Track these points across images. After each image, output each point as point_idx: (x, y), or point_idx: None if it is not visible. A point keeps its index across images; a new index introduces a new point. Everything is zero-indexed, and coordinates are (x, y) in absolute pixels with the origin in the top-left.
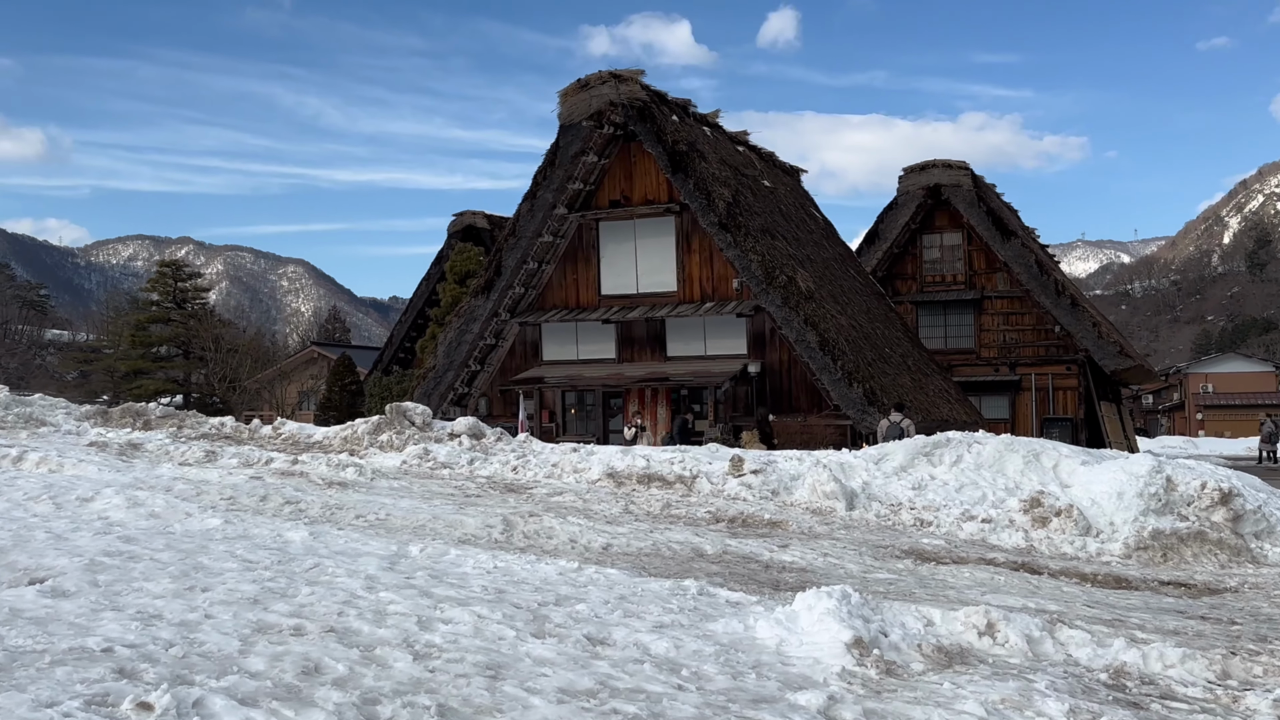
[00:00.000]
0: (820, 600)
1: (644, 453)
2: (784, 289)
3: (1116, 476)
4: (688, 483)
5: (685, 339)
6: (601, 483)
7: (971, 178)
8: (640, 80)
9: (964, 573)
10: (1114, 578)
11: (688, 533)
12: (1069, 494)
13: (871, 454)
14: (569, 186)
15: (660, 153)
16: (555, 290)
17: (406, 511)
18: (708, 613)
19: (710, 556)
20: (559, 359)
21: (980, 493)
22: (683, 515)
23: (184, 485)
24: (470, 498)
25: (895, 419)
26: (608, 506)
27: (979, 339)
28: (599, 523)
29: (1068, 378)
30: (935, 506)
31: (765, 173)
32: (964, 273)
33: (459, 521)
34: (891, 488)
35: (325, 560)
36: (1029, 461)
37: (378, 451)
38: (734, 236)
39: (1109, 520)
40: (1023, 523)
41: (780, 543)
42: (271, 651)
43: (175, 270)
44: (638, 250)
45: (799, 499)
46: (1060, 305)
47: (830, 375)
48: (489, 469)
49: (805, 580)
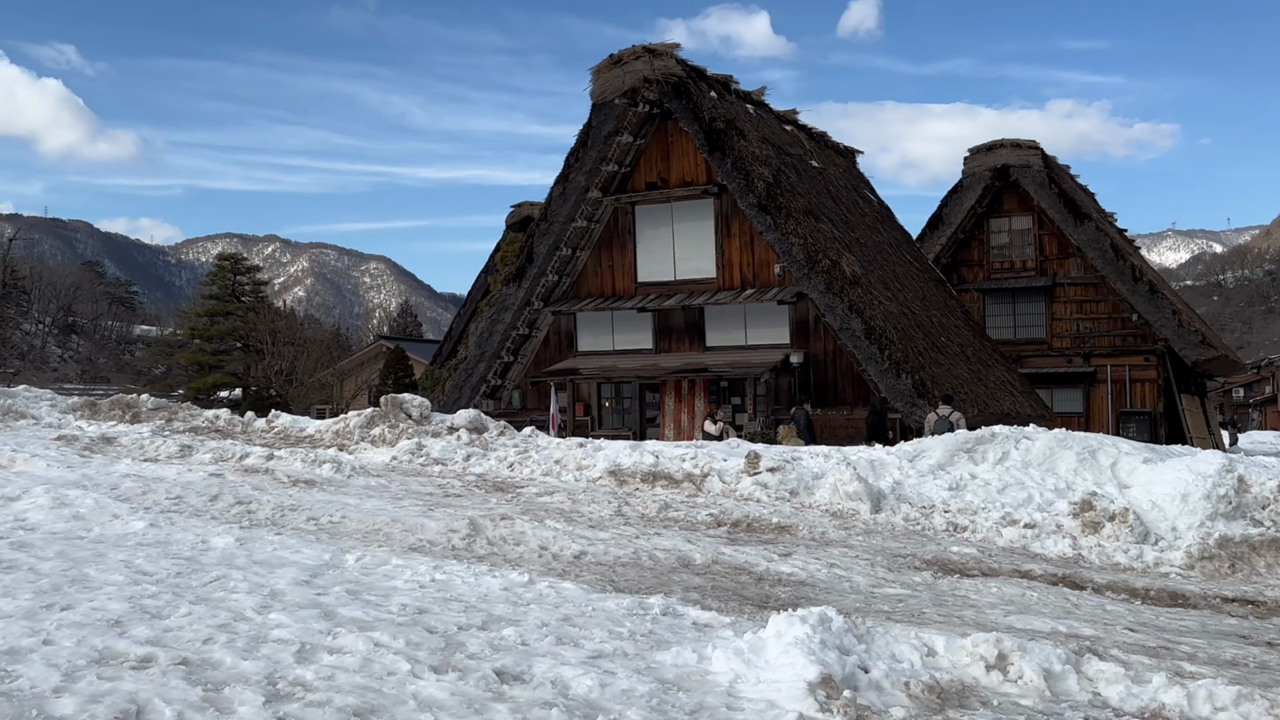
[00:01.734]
0: (792, 626)
1: (655, 448)
2: (827, 274)
3: (1181, 476)
4: (697, 481)
5: (725, 328)
6: (602, 481)
7: (1042, 157)
8: (675, 54)
9: (991, 587)
10: (1169, 593)
11: (679, 539)
12: (1127, 496)
13: (907, 450)
14: (602, 168)
15: (696, 130)
16: (590, 278)
17: (367, 514)
18: (663, 638)
19: (697, 566)
20: (594, 350)
21: (1025, 494)
22: (680, 518)
23: (132, 484)
24: (449, 497)
25: (944, 412)
26: (598, 508)
27: (1050, 328)
28: (580, 527)
29: (1146, 369)
30: (972, 510)
31: (814, 153)
32: (1034, 258)
33: (420, 525)
34: (926, 488)
35: (235, 572)
36: (1083, 459)
37: (369, 446)
38: (774, 219)
39: (1171, 525)
40: (1071, 528)
41: (783, 550)
42: (93, 690)
43: (234, 263)
44: (675, 235)
45: (819, 500)
46: (1138, 292)
47: (876, 365)
48: (484, 465)
49: (800, 597)
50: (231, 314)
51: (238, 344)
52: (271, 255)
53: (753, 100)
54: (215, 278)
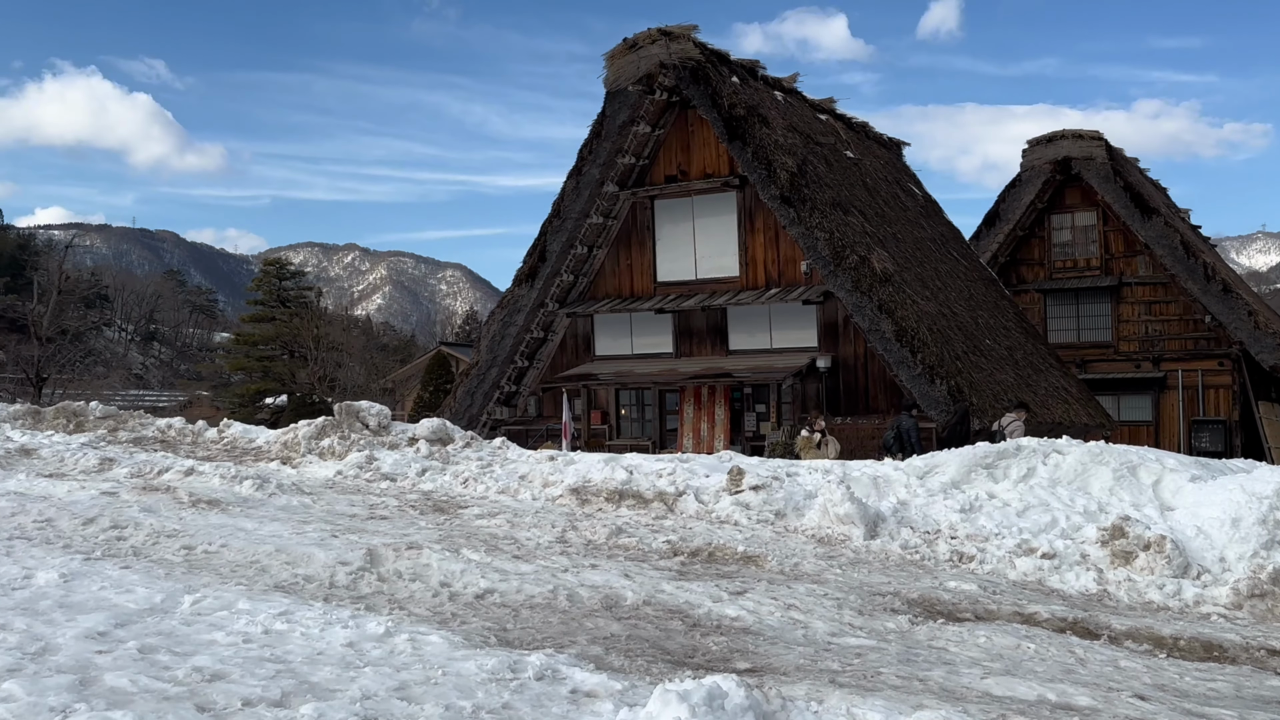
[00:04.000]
0: (668, 706)
1: (633, 463)
2: (855, 271)
3: (1233, 497)
4: (669, 501)
5: (749, 330)
6: (562, 500)
7: (1106, 149)
8: (693, 37)
9: (980, 636)
10: (1203, 643)
11: (616, 572)
12: (1170, 520)
13: (918, 465)
14: (618, 161)
15: (715, 118)
16: (608, 278)
17: (255, 541)
18: (518, 715)
19: (623, 608)
20: (612, 354)
21: (1049, 517)
22: (632, 545)
23: (6, 503)
24: (371, 520)
25: (1007, 421)
26: (539, 533)
27: (1116, 331)
28: (502, 558)
29: (1220, 374)
30: (984, 536)
31: (851, 144)
32: (1099, 256)
33: (307, 556)
34: (934, 510)
35: (20, 619)
36: (1121, 477)
37: (316, 459)
38: (798, 211)
39: (1218, 555)
40: (1098, 558)
41: (738, 587)
42: None
43: (279, 269)
44: (696, 231)
45: (808, 524)
46: (1210, 292)
47: (909, 370)
48: (437, 481)
49: (735, 650)
50: (276, 319)
51: (283, 350)
52: (351, 264)
53: (783, 87)
54: (260, 283)
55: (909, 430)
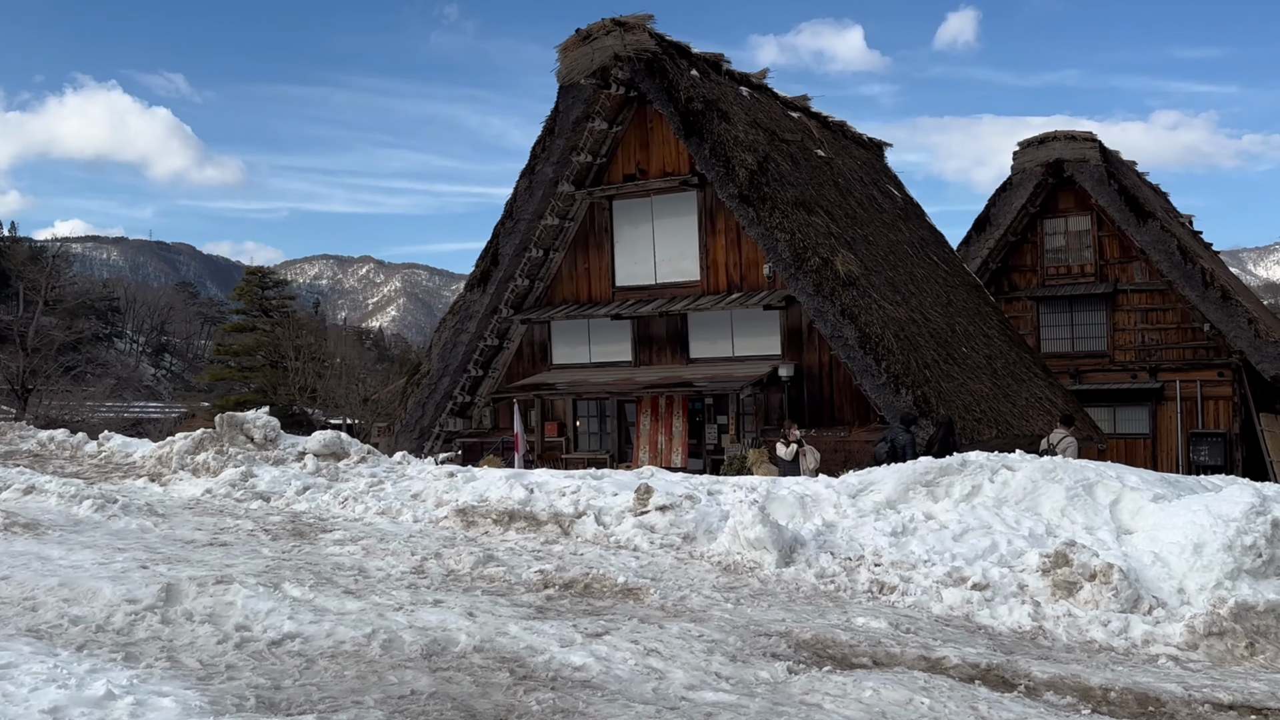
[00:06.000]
0: None
1: (539, 480)
2: (816, 274)
3: (1197, 519)
4: (565, 524)
5: (710, 338)
6: (447, 522)
7: (1100, 151)
8: (649, 27)
9: (867, 689)
10: (1136, 695)
11: (460, 610)
12: (1126, 544)
13: (852, 483)
14: (574, 159)
15: (672, 113)
16: (565, 282)
17: (45, 573)
18: None
19: (447, 657)
20: (570, 362)
21: (989, 541)
22: (498, 577)
23: None
24: (207, 547)
25: (1057, 438)
26: (396, 562)
27: (1112, 340)
28: (330, 594)
29: (1220, 385)
30: (910, 563)
31: (824, 143)
32: (1093, 262)
33: (94, 592)
34: (863, 533)
35: None
36: (1075, 496)
37: (189, 476)
38: (757, 211)
39: (1177, 586)
40: (1037, 589)
41: (601, 627)
42: None
43: (260, 277)
44: (655, 233)
45: (718, 549)
46: (1208, 299)
47: (872, 379)
48: (317, 500)
49: (560, 711)
50: (257, 329)
51: (265, 362)
52: (365, 276)
53: (751, 83)
54: (242, 292)
55: (905, 445)
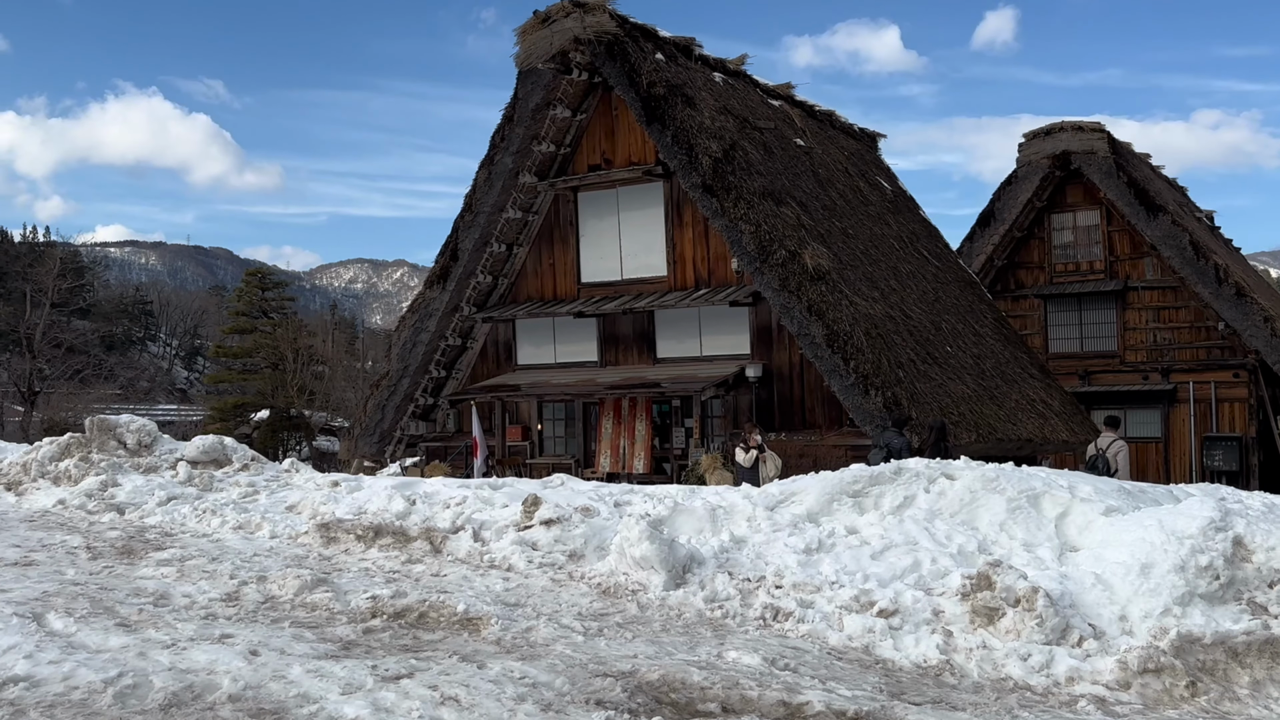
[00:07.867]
0: None
1: (429, 490)
2: (782, 268)
3: (1148, 536)
4: (436, 540)
5: (678, 336)
6: (304, 539)
7: (1109, 142)
8: (610, 8)
9: None
10: None
11: (243, 647)
12: (1068, 564)
13: (772, 494)
14: (535, 149)
15: (634, 98)
16: (529, 279)
17: None
18: None
19: (192, 708)
20: (534, 362)
21: (911, 559)
22: (321, 605)
23: None
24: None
25: (1106, 443)
26: (209, 587)
27: (1122, 339)
28: (98, 626)
29: (1235, 386)
30: (815, 585)
31: (808, 132)
32: (1103, 259)
33: None
34: (773, 550)
35: None
36: (1017, 509)
37: (48, 484)
38: (721, 202)
39: (1119, 613)
40: (954, 616)
41: (405, 668)
42: None
43: (261, 279)
44: (621, 226)
45: (604, 568)
46: (1222, 296)
47: (841, 379)
48: (176, 513)
49: None
50: (257, 330)
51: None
52: (399, 279)
53: (726, 69)
54: (241, 294)
55: (900, 450)
